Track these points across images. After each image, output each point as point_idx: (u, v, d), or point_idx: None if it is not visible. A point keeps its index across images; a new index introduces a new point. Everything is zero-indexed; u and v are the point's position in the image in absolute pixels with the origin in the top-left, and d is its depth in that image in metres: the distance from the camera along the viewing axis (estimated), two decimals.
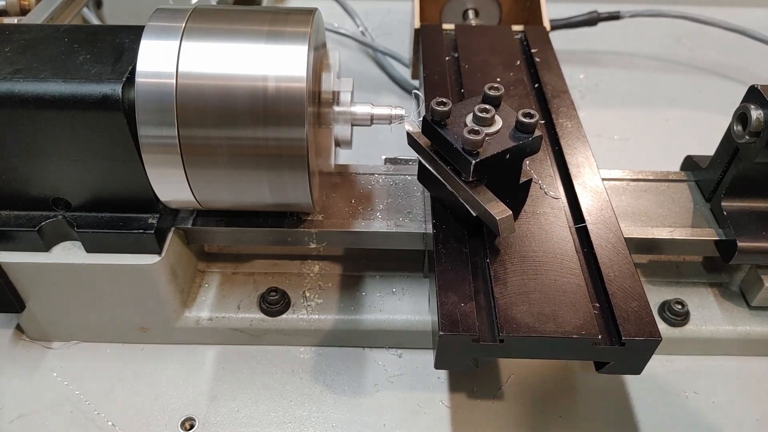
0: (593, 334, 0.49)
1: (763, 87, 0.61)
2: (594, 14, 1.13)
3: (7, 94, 0.53)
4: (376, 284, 0.71)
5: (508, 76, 0.77)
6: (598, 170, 0.64)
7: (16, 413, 0.64)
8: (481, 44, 0.83)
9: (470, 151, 0.52)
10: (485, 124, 0.54)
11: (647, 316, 0.51)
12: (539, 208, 0.60)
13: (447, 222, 0.59)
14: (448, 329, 0.49)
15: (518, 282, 0.53)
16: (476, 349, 0.50)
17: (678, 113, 1.06)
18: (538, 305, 0.51)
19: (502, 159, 0.53)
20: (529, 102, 0.73)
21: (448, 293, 0.52)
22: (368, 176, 0.70)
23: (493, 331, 0.50)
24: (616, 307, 0.51)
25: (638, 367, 0.52)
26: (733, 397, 0.66)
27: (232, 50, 0.53)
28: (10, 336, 0.70)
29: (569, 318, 0.50)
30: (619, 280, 0.54)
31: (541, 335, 0.49)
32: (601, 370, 0.53)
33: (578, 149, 0.67)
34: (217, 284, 0.70)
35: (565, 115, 0.72)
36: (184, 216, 0.64)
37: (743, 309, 0.69)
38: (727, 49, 1.20)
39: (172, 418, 0.63)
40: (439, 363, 0.53)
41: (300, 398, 0.65)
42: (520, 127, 0.53)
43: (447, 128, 0.54)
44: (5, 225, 0.60)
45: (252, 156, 0.54)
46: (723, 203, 0.66)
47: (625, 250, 0.56)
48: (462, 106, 0.56)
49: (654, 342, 0.50)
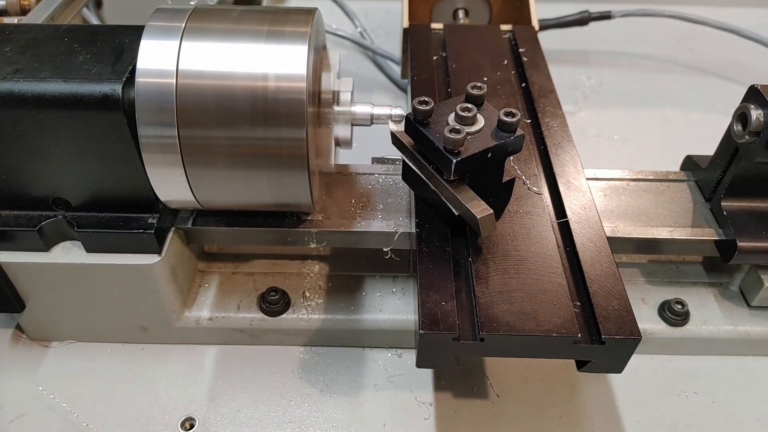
0: (573, 332, 0.49)
1: (763, 87, 0.61)
2: (585, 14, 1.13)
3: (7, 94, 0.53)
4: (376, 284, 0.71)
5: (495, 75, 0.77)
6: (582, 169, 0.64)
7: (16, 413, 0.64)
8: (469, 44, 0.83)
9: (451, 150, 0.52)
10: (467, 123, 0.54)
11: (628, 315, 0.51)
12: (523, 207, 0.60)
13: (430, 221, 0.59)
14: (429, 328, 0.49)
15: (500, 281, 0.53)
16: (457, 348, 0.50)
17: (678, 113, 1.06)
18: (519, 304, 0.51)
19: (484, 158, 0.53)
20: (516, 101, 0.73)
21: (429, 292, 0.52)
22: (368, 176, 0.70)
23: (473, 329, 0.51)
24: (597, 306, 0.52)
25: (619, 365, 0.52)
26: (733, 397, 0.66)
27: (232, 50, 0.53)
28: (10, 336, 0.70)
29: (549, 317, 0.50)
30: (600, 279, 0.54)
31: (520, 333, 0.49)
32: (582, 369, 0.53)
33: (564, 148, 0.67)
34: (217, 284, 0.70)
35: (551, 114, 0.72)
36: (184, 216, 0.64)
37: (743, 309, 0.69)
38: (727, 49, 1.19)
39: (172, 418, 0.63)
40: (421, 361, 0.53)
41: (300, 398, 0.65)
42: (502, 126, 0.54)
43: (429, 127, 0.54)
44: (5, 225, 0.60)
45: (252, 156, 0.54)
46: (723, 203, 0.66)
47: (607, 249, 0.56)
48: (445, 105, 0.56)
49: (634, 341, 0.50)
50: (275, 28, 0.54)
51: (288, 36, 0.54)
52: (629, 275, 0.72)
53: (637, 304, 0.69)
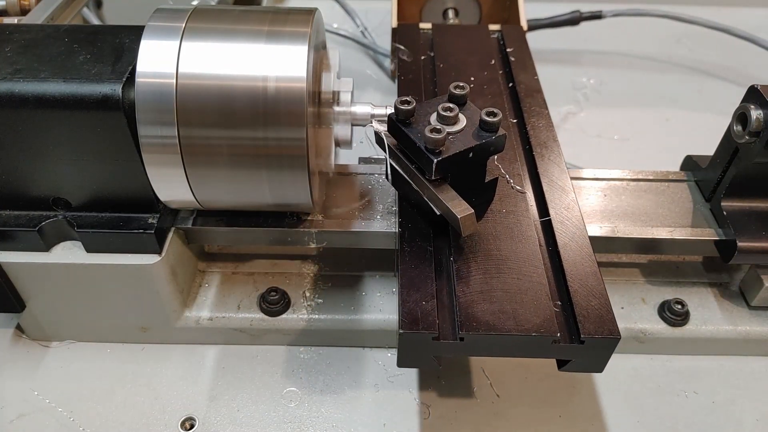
0: (552, 332, 0.49)
1: (763, 87, 0.61)
2: (576, 14, 1.12)
3: (7, 94, 0.53)
4: (376, 284, 0.71)
5: (482, 75, 0.77)
6: (566, 169, 0.65)
7: (16, 413, 0.64)
8: (457, 43, 0.83)
9: (432, 149, 0.52)
10: (449, 123, 0.54)
11: (607, 314, 0.51)
12: (506, 206, 0.60)
13: (413, 221, 0.59)
14: (408, 327, 0.50)
15: (481, 280, 0.53)
16: (437, 347, 0.50)
17: (678, 113, 1.06)
18: (499, 303, 0.51)
19: (465, 157, 0.53)
20: (502, 101, 0.73)
21: (410, 291, 0.52)
22: (368, 176, 0.70)
23: (453, 329, 0.51)
24: (577, 305, 0.52)
25: (599, 365, 0.53)
26: (733, 397, 0.66)
27: (232, 50, 0.53)
28: (10, 336, 0.70)
29: (529, 316, 0.50)
30: (581, 279, 0.54)
31: (500, 333, 0.49)
32: (563, 368, 0.53)
33: (549, 148, 0.67)
34: (217, 284, 0.70)
35: (537, 114, 0.72)
36: (184, 216, 0.64)
37: (743, 309, 0.69)
38: (726, 49, 1.19)
39: (172, 418, 0.63)
40: (401, 361, 0.53)
41: (300, 398, 0.65)
42: (483, 126, 0.54)
43: (411, 127, 0.54)
44: (5, 225, 0.60)
45: (252, 156, 0.54)
46: (723, 203, 0.66)
47: (589, 248, 0.56)
48: (427, 104, 0.56)
49: (613, 340, 0.50)
50: (275, 29, 0.54)
51: (288, 36, 0.54)
52: (629, 275, 0.72)
53: (637, 304, 0.69)
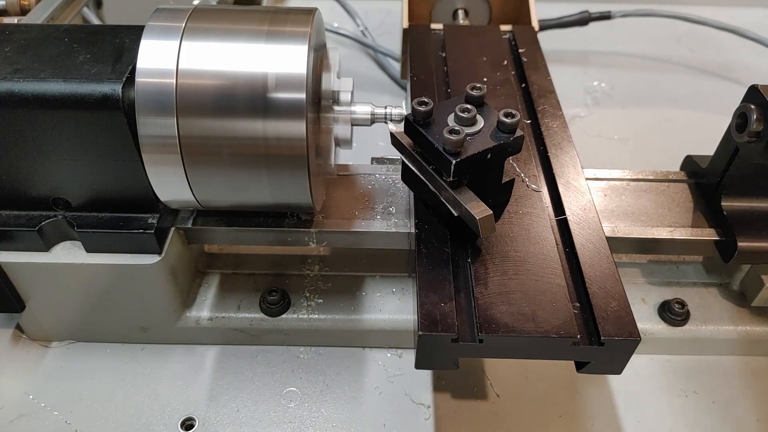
0: (572, 333, 0.49)
1: (763, 87, 0.61)
2: (585, 14, 1.13)
3: (7, 94, 0.53)
4: (376, 284, 0.71)
5: (495, 76, 0.77)
6: (582, 170, 0.64)
7: (16, 413, 0.64)
8: (469, 44, 0.83)
9: (450, 150, 0.52)
10: (466, 124, 0.54)
11: (627, 316, 0.51)
12: (522, 207, 0.60)
13: (429, 222, 0.59)
14: (428, 329, 0.49)
15: (499, 282, 0.53)
16: (455, 349, 0.50)
17: (678, 113, 1.06)
18: (518, 305, 0.51)
19: (483, 159, 0.53)
20: (515, 102, 0.73)
21: (428, 293, 0.52)
22: (368, 176, 0.70)
23: (472, 330, 0.50)
24: (596, 307, 0.51)
25: (618, 367, 0.52)
26: (733, 397, 0.66)
27: (232, 50, 0.53)
28: (10, 336, 0.70)
29: (548, 318, 0.50)
30: (599, 280, 0.53)
31: (519, 335, 0.49)
32: (582, 370, 0.53)
33: (563, 149, 0.67)
34: (217, 284, 0.70)
35: (550, 115, 0.72)
36: (184, 216, 0.64)
37: (743, 309, 0.69)
38: (727, 49, 1.20)
39: (171, 418, 0.63)
40: (420, 362, 0.53)
41: (300, 398, 0.65)
42: (501, 127, 0.54)
43: (429, 128, 0.54)
44: (5, 225, 0.60)
45: (252, 156, 0.54)
46: (723, 203, 0.66)
47: (607, 250, 0.56)
48: (444, 105, 0.56)
49: (633, 342, 0.50)
50: (275, 28, 0.54)
51: (288, 36, 0.54)
52: (629, 275, 0.72)
53: (637, 304, 0.69)
